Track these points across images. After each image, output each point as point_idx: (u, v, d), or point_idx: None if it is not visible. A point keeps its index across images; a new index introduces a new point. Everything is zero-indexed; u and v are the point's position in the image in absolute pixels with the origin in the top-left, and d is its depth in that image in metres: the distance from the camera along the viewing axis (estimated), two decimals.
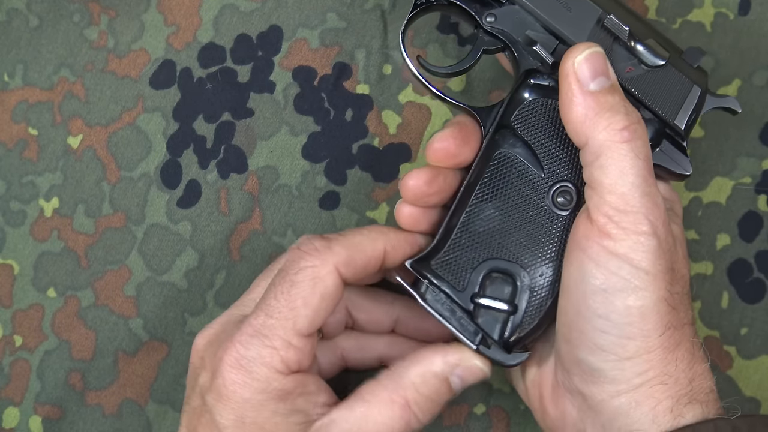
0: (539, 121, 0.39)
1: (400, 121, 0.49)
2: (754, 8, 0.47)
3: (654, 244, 0.35)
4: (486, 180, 0.39)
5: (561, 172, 0.39)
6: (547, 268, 0.39)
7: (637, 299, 0.35)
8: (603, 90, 0.36)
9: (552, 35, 0.39)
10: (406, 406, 0.38)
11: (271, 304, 0.38)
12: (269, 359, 0.37)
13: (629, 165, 0.35)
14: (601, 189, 0.35)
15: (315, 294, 0.38)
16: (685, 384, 0.35)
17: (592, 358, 0.36)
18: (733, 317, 0.46)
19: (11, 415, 0.49)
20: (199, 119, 0.49)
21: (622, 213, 0.35)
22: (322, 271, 0.38)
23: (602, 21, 0.39)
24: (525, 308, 0.39)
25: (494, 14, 0.40)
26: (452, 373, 0.39)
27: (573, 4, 0.39)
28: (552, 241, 0.39)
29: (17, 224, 0.50)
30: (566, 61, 0.37)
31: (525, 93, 0.40)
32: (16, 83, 0.51)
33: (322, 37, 0.49)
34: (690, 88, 0.39)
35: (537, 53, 0.39)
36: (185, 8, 0.50)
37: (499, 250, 0.39)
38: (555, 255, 0.39)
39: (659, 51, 0.39)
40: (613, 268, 0.35)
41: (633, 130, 0.36)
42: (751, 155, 0.46)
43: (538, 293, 0.39)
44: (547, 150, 0.39)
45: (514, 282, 0.39)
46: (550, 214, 0.39)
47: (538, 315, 0.39)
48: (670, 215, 0.39)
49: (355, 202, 0.49)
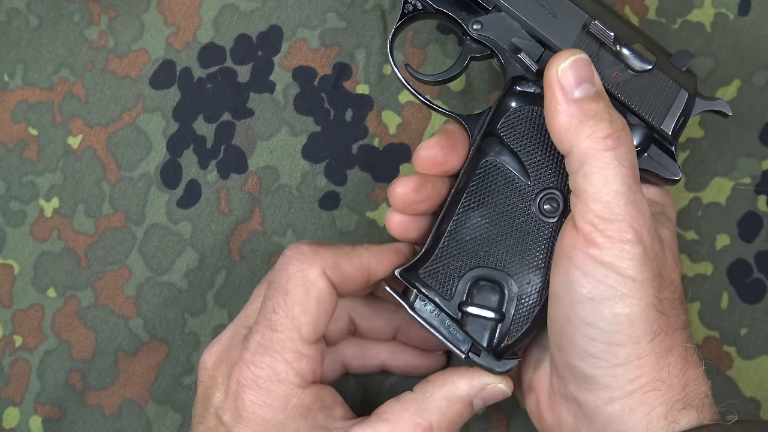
0: (525, 128, 0.39)
1: (400, 121, 0.49)
2: (754, 8, 0.47)
3: (639, 251, 0.35)
4: (473, 188, 0.39)
5: (547, 179, 0.39)
6: (535, 275, 0.39)
7: (624, 307, 0.34)
8: (587, 97, 0.36)
9: (538, 42, 0.39)
10: (429, 429, 0.38)
11: (272, 318, 0.38)
12: (284, 375, 0.37)
13: (613, 173, 0.35)
14: (585, 197, 0.35)
15: (310, 299, 0.38)
16: (678, 390, 0.35)
17: (583, 365, 0.36)
18: (732, 318, 0.46)
19: (11, 415, 0.49)
20: (199, 119, 0.49)
21: (607, 221, 0.35)
22: (311, 275, 0.38)
23: (587, 26, 0.39)
24: (513, 316, 0.39)
25: (480, 22, 0.40)
26: (476, 396, 0.39)
27: (559, 9, 0.39)
28: (539, 249, 0.39)
29: (17, 224, 0.50)
30: (550, 68, 0.37)
31: (511, 101, 0.40)
32: (16, 83, 0.51)
33: (322, 37, 0.49)
34: (677, 92, 0.39)
35: (522, 61, 0.39)
36: (185, 8, 0.50)
37: (487, 258, 0.39)
38: (542, 263, 0.39)
39: (646, 55, 0.39)
40: (599, 276, 0.35)
41: (617, 137, 0.35)
42: (751, 155, 0.46)
43: (525, 301, 0.39)
44: (533, 157, 0.39)
45: (501, 290, 0.39)
46: (537, 221, 0.39)
47: (526, 322, 0.39)
48: (661, 219, 0.39)
49: (355, 203, 0.49)
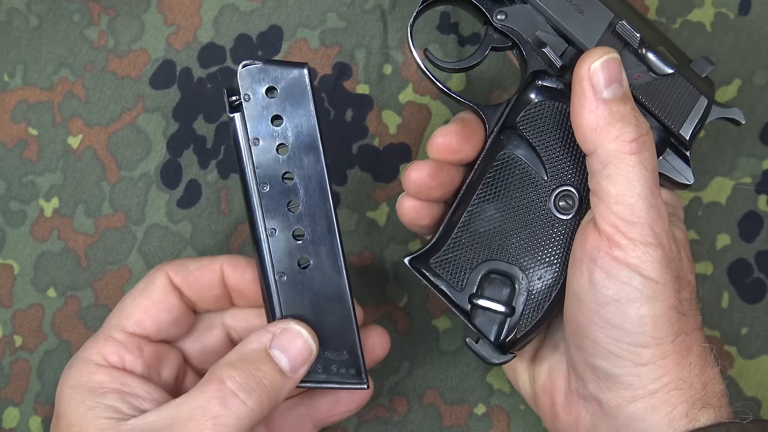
0: (545, 123, 0.39)
1: (400, 121, 0.49)
2: (754, 8, 0.47)
3: (660, 254, 0.35)
4: (489, 180, 0.39)
5: (565, 176, 0.39)
6: (547, 272, 0.39)
7: (649, 308, 0.35)
8: (616, 98, 0.36)
9: (562, 37, 0.39)
10: (221, 382, 0.36)
11: (112, 312, 0.41)
12: (88, 353, 0.40)
13: (637, 177, 0.35)
14: (608, 199, 0.35)
15: (144, 294, 0.41)
16: (699, 389, 0.35)
17: (607, 365, 0.36)
18: (733, 317, 0.46)
19: (11, 415, 0.49)
20: (199, 119, 0.49)
21: (630, 224, 0.35)
22: (153, 275, 0.41)
23: (614, 26, 0.39)
24: (522, 311, 0.39)
25: (505, 12, 0.40)
26: (271, 346, 0.37)
27: (586, 6, 0.39)
28: (553, 245, 0.39)
29: (17, 224, 0.50)
30: (582, 65, 0.36)
31: (532, 94, 0.39)
32: (16, 83, 0.51)
33: (322, 37, 0.49)
34: (697, 98, 0.39)
35: (546, 55, 0.39)
36: (185, 8, 0.50)
37: (499, 251, 0.39)
38: (555, 259, 0.39)
39: (669, 59, 0.39)
40: (624, 278, 0.35)
41: (642, 141, 0.36)
42: (751, 155, 0.47)
43: (536, 296, 0.39)
44: (551, 153, 0.39)
45: (512, 284, 0.39)
46: (552, 217, 0.39)
47: (534, 318, 0.39)
48: (673, 220, 0.39)
49: (355, 202, 0.48)
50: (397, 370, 0.47)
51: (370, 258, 0.48)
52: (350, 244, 0.48)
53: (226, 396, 0.35)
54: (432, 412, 0.47)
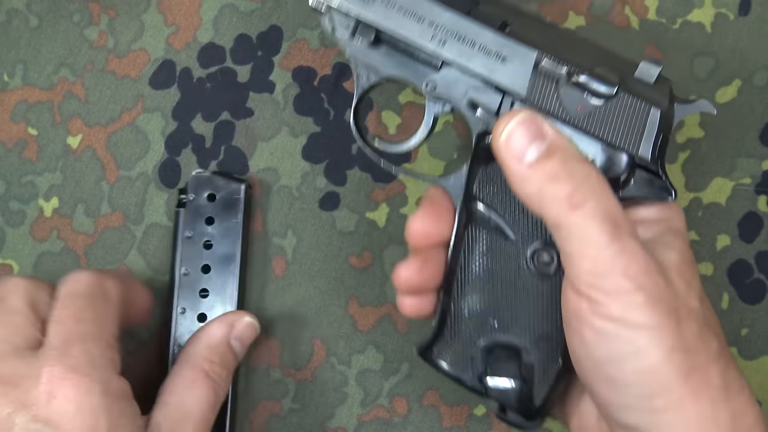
0: (498, 186, 0.38)
1: (399, 121, 0.49)
2: (754, 8, 0.47)
3: (643, 297, 0.33)
4: (465, 262, 0.38)
5: (533, 233, 0.38)
6: (545, 334, 0.38)
7: (646, 359, 0.33)
8: (540, 158, 0.34)
9: (495, 89, 0.38)
10: (208, 376, 0.42)
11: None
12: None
13: (589, 230, 0.33)
14: (570, 259, 0.34)
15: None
16: (727, 424, 0.33)
17: (625, 417, 0.34)
18: (733, 318, 0.46)
19: None
20: (197, 118, 0.49)
21: (600, 276, 0.33)
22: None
23: (539, 64, 0.37)
24: (534, 379, 0.38)
25: (434, 80, 0.39)
26: (232, 338, 0.44)
27: (507, 52, 0.37)
28: (546, 305, 0.38)
29: (17, 224, 0.50)
30: (494, 140, 0.35)
31: (480, 159, 0.38)
32: (16, 83, 0.51)
33: (322, 38, 0.49)
34: (648, 111, 0.36)
35: (479, 119, 0.38)
36: (185, 8, 0.50)
37: (495, 326, 0.38)
38: (553, 319, 0.37)
39: (607, 78, 0.36)
40: (612, 334, 0.33)
41: (581, 193, 0.34)
42: (751, 156, 0.46)
43: (542, 362, 0.38)
44: (514, 215, 0.38)
45: (518, 354, 0.38)
46: (536, 278, 0.38)
47: (547, 383, 0.38)
48: (666, 238, 0.37)
49: (355, 203, 0.48)
50: (397, 371, 0.47)
51: (369, 258, 0.48)
52: (350, 245, 0.48)
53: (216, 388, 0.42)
54: (432, 413, 0.47)
